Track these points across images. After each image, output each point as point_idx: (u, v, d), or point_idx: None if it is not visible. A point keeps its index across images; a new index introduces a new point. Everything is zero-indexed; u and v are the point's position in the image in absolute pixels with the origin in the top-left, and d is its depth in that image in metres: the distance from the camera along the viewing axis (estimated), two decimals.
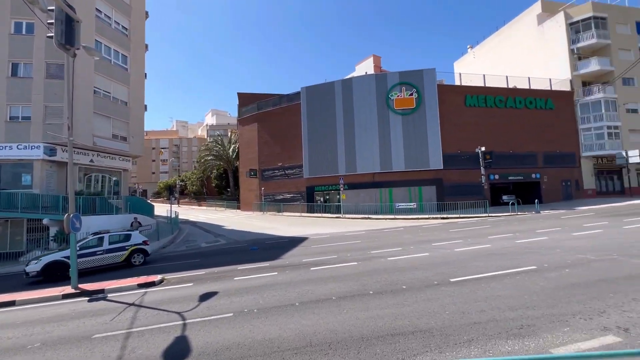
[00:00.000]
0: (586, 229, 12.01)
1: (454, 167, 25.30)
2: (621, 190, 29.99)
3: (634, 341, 3.58)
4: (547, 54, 31.56)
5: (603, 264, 6.84)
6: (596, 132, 28.95)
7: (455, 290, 5.80)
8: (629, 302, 4.73)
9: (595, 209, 19.41)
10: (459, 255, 8.89)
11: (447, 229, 15.00)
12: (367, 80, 27.38)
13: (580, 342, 3.65)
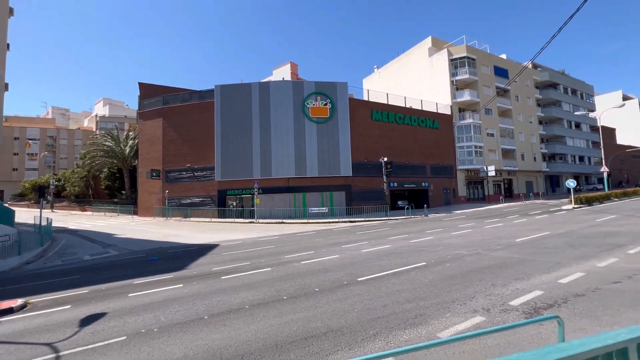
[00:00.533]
0: (460, 229, 14.61)
1: (361, 175, 27.57)
2: (483, 197, 37.58)
3: (493, 319, 4.50)
4: (435, 82, 37.52)
5: (472, 258, 8.43)
6: (467, 150, 35.63)
7: (362, 289, 6.29)
8: (490, 287, 5.93)
9: (466, 213, 23.81)
10: (365, 255, 9.69)
11: (354, 232, 16.21)
12: (284, 85, 27.69)
13: (458, 325, 4.39)
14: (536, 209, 23.00)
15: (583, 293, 5.31)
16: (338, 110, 27.18)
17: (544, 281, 6.07)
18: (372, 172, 27.66)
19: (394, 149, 29.52)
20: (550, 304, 4.92)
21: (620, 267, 6.79)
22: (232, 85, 27.28)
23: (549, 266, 7.12)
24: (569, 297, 5.17)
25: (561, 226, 13.50)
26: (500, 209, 25.29)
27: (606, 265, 6.99)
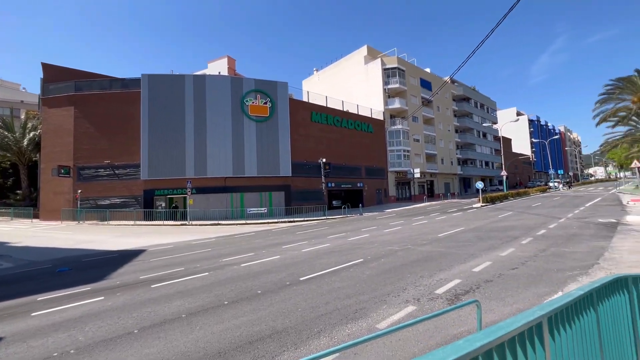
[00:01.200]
0: (392, 226, 15.82)
1: (300, 175, 27.84)
2: (410, 197, 41.20)
3: (423, 307, 5.03)
4: (370, 88, 39.87)
5: (403, 253, 9.22)
6: (397, 153, 38.67)
7: (305, 288, 6.41)
8: (418, 279, 6.58)
9: (396, 211, 25.84)
10: (306, 255, 9.86)
11: (294, 232, 16.32)
12: (222, 81, 26.46)
13: (394, 315, 4.79)
14: (453, 207, 26.12)
15: (491, 279, 6.26)
16: (278, 109, 27.01)
17: (461, 271, 6.97)
18: (311, 173, 28.15)
19: (332, 150, 30.51)
20: (467, 290, 5.69)
21: (516, 255, 8.17)
22: (161, 76, 25.04)
23: (465, 257, 8.19)
24: (481, 283, 6.05)
25: (473, 222, 15.61)
26: (425, 208, 28.06)
27: (506, 254, 8.33)
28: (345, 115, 33.38)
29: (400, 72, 39.84)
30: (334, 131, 31.70)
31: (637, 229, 11.09)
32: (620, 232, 10.75)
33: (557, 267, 6.87)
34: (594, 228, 11.82)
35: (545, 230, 11.82)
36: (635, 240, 9.21)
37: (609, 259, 7.32)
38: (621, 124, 38.11)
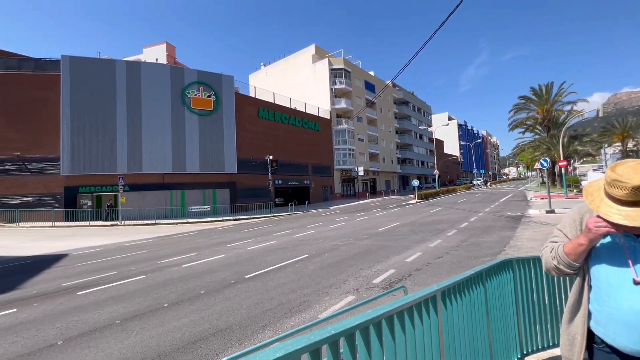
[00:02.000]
0: (337, 222, 16.49)
1: (246, 172, 27.30)
2: (354, 193, 43.04)
3: (361, 295, 5.48)
4: (318, 87, 40.55)
5: (346, 247, 9.77)
6: (342, 152, 40.06)
7: (250, 286, 6.47)
8: (358, 270, 7.09)
9: (341, 208, 26.88)
10: (251, 253, 9.84)
11: (239, 230, 16.04)
12: (161, 69, 24.59)
13: (335, 305, 5.15)
14: (392, 204, 28.05)
15: (420, 268, 7.03)
16: (223, 103, 26.04)
17: (396, 261, 7.68)
18: (257, 170, 27.77)
19: (279, 147, 30.43)
20: (400, 278, 6.33)
21: (443, 246, 9.23)
22: (87, 59, 22.35)
23: (400, 249, 9.00)
24: (412, 271, 6.76)
25: (408, 217, 17.03)
26: (367, 204, 29.65)
27: (434, 245, 9.36)
28: (293, 113, 33.53)
29: (347, 74, 41.24)
30: (281, 128, 31.63)
31: (535, 221, 13.28)
32: (523, 223, 12.77)
33: (474, 255, 7.97)
34: (504, 220, 13.82)
35: (467, 223, 13.46)
36: (533, 230, 11.04)
37: (513, 246, 8.71)
38: (529, 131, 44.64)
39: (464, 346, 1.79)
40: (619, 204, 1.15)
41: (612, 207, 1.17)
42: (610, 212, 1.16)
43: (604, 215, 1.18)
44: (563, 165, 21.03)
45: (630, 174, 1.13)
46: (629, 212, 1.12)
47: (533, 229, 11.41)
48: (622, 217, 1.12)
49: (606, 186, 1.21)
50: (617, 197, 1.16)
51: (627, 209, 1.13)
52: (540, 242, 8.97)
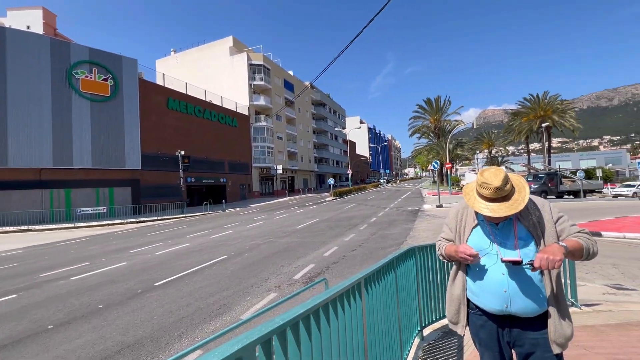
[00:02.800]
0: (255, 221, 16.24)
1: (153, 168, 24.51)
2: (272, 192, 42.92)
3: (283, 292, 5.60)
4: (236, 81, 38.97)
5: (266, 245, 9.75)
6: (261, 150, 39.50)
7: (161, 293, 5.92)
8: (279, 268, 7.19)
9: (260, 206, 26.52)
10: (161, 258, 8.95)
11: (145, 233, 14.36)
12: (36, 40, 20.03)
13: (257, 304, 5.14)
14: (310, 201, 29.02)
15: (337, 261, 7.54)
16: (124, 89, 22.75)
17: (315, 256, 8.05)
18: (167, 166, 25.19)
19: (192, 142, 28.19)
20: (319, 272, 6.68)
21: (356, 239, 10.06)
22: None
23: (318, 245, 9.45)
24: (330, 265, 7.21)
25: (325, 213, 17.92)
26: (286, 202, 29.96)
27: (349, 239, 10.13)
28: (209, 106, 31.47)
29: (266, 70, 40.72)
30: (195, 122, 29.34)
31: (429, 214, 15.58)
32: (420, 216, 14.84)
33: (382, 246, 8.93)
34: (405, 214, 15.80)
35: (376, 218, 14.93)
36: (427, 222, 12.95)
37: (412, 236, 10.07)
38: (424, 137, 51.75)
39: (381, 324, 2.08)
40: (486, 200, 1.54)
41: (481, 202, 1.55)
42: (480, 207, 1.54)
43: (477, 209, 1.56)
44: (449, 167, 25.11)
45: (492, 178, 1.52)
46: (493, 206, 1.50)
47: (427, 221, 13.38)
48: (489, 210, 1.51)
49: (477, 187, 1.59)
50: (484, 195, 1.54)
51: (492, 204, 1.51)
52: (433, 232, 10.61)
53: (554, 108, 40.41)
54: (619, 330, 3.52)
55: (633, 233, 9.28)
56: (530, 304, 1.48)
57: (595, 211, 15.40)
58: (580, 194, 25.81)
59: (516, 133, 44.22)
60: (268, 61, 41.49)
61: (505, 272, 1.52)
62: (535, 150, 48.20)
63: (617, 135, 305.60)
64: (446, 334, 3.53)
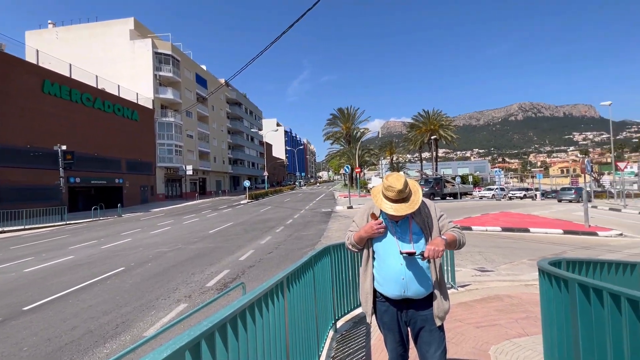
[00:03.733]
0: (160, 227, 14.65)
1: (18, 165, 19.72)
2: (180, 194, 39.35)
3: (194, 302, 5.24)
4: (136, 69, 34.43)
5: (174, 253, 8.92)
6: (168, 148, 35.85)
7: (34, 319, 4.85)
8: (190, 276, 6.69)
9: (165, 210, 24.01)
10: (31, 276, 7.30)
11: (6, 247, 11.44)
12: None
13: (164, 318, 4.69)
14: (224, 204, 27.65)
15: (254, 264, 7.43)
16: None
17: (230, 261, 7.76)
18: (41, 163, 20.54)
19: (78, 136, 23.69)
20: (235, 277, 6.48)
21: (272, 241, 10.07)
22: None
23: (233, 249, 9.13)
24: (246, 269, 7.06)
25: (240, 217, 17.36)
26: (196, 205, 27.84)
27: (265, 242, 10.08)
28: (102, 95, 26.96)
29: (175, 62, 37.19)
30: (82, 112, 24.73)
31: (341, 215, 16.65)
32: (333, 217, 15.75)
33: (298, 247, 9.18)
34: (319, 216, 16.53)
35: (291, 220, 15.20)
36: (339, 223, 13.84)
37: (326, 237, 10.63)
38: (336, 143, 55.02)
39: (300, 321, 2.19)
40: (391, 201, 1.81)
41: (387, 203, 1.82)
42: (386, 207, 1.81)
43: (383, 209, 1.83)
44: (358, 171, 27.32)
45: (395, 182, 1.80)
46: (396, 206, 1.79)
47: (339, 221, 14.29)
48: (393, 209, 1.79)
49: (383, 190, 1.86)
50: (389, 197, 1.81)
51: (395, 204, 1.80)
52: (344, 232, 11.39)
53: (440, 123, 48.21)
54: (482, 303, 4.47)
55: (492, 227, 11.77)
56: (421, 288, 1.80)
57: (468, 209, 18.95)
58: (457, 196, 31.31)
59: (412, 143, 51.09)
60: (178, 52, 37.98)
61: (403, 263, 1.81)
62: (426, 159, 56.48)
63: (483, 148, 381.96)
64: (356, 324, 3.89)
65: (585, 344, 1.62)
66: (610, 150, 31.70)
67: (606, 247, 8.81)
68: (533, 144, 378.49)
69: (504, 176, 76.73)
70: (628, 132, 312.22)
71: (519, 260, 7.44)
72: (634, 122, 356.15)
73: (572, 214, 16.42)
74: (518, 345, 3.21)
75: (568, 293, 1.75)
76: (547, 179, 74.63)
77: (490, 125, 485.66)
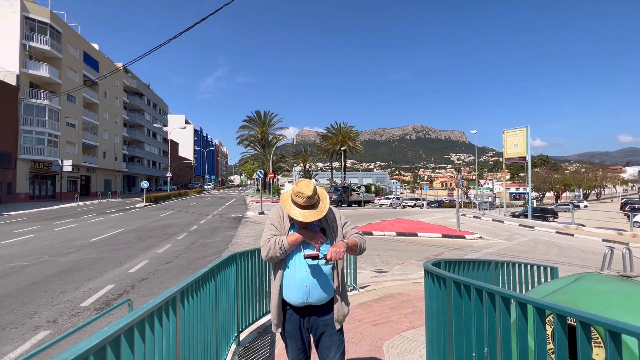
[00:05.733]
0: (18, 235, 11.61)
1: None
2: (53, 194, 32.19)
3: (61, 327, 4.25)
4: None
5: (36, 267, 7.14)
6: (37, 137, 29.04)
7: None
8: (58, 295, 5.44)
9: (28, 214, 19.22)
10: None
11: None
12: None
13: (11, 353, 3.66)
14: (113, 207, 23.72)
15: (147, 277, 6.52)
16: None
17: (116, 275, 6.63)
18: None
19: None
20: (121, 293, 5.54)
21: (172, 250, 9.06)
22: None
23: (121, 260, 7.85)
24: (136, 282, 6.13)
25: (134, 222, 15.14)
26: (75, 208, 23.14)
27: (163, 250, 9.00)
28: None
29: (54, 33, 30.55)
30: None
31: (251, 221, 16.17)
32: (243, 223, 15.17)
33: (202, 255, 8.48)
34: (229, 221, 15.71)
35: (197, 226, 14.02)
36: (249, 229, 13.40)
37: (235, 243, 10.13)
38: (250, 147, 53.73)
39: (197, 339, 1.97)
40: (300, 207, 1.81)
41: (296, 209, 1.81)
42: (295, 213, 1.80)
43: (292, 215, 1.81)
44: (271, 176, 27.12)
45: (305, 188, 1.81)
46: (304, 213, 1.79)
47: (249, 227, 13.85)
48: (301, 215, 1.78)
49: (293, 196, 1.84)
50: (298, 203, 1.81)
51: (304, 211, 1.80)
52: (254, 238, 11.08)
53: (349, 136, 52.10)
54: (379, 302, 4.89)
55: (389, 232, 13.17)
56: (323, 294, 1.83)
57: (370, 216, 20.79)
58: (362, 203, 34.13)
59: (324, 152, 53.72)
60: (59, 21, 31.33)
61: (308, 270, 1.82)
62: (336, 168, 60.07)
63: (384, 161, 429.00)
64: (261, 334, 3.76)
65: (457, 331, 1.90)
66: (475, 169, 39.54)
67: (470, 248, 10.81)
68: (422, 161, 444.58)
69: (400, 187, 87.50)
70: (487, 155, 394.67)
71: (409, 261, 8.47)
72: (491, 148, 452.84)
73: (448, 220, 19.68)
74: (406, 338, 3.59)
75: (446, 289, 2.03)
76: (432, 191, 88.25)
77: (390, 142, 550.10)
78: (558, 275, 3.62)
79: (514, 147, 25.90)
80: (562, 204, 44.90)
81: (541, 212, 26.23)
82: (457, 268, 2.93)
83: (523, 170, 66.41)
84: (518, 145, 25.55)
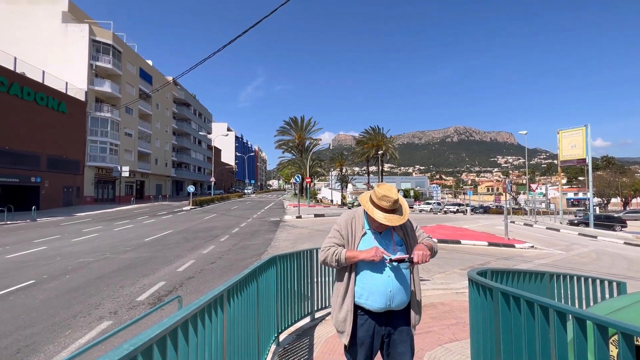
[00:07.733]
0: (85, 234, 13.00)
1: None
2: (113, 198, 35.60)
3: (121, 319, 4.69)
4: (67, 56, 30.80)
5: (99, 263, 7.95)
6: (101, 146, 32.37)
7: None
8: (118, 289, 6.00)
9: (93, 215, 21.44)
10: None
11: None
12: None
13: (81, 338, 4.10)
14: (164, 210, 25.62)
15: (193, 275, 6.94)
16: None
17: (166, 273, 7.15)
18: None
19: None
20: (171, 290, 5.97)
21: (216, 251, 9.55)
22: None
23: (171, 259, 8.45)
24: (184, 280, 6.56)
25: (182, 224, 16.22)
26: (131, 210, 25.36)
27: (208, 251, 9.52)
28: (20, 80, 23.44)
29: (116, 53, 34.06)
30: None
31: (289, 224, 16.51)
32: (281, 227, 15.53)
33: (243, 257, 8.83)
34: (268, 225, 16.19)
35: (238, 229, 14.64)
36: (287, 232, 13.68)
37: (274, 246, 10.42)
38: (288, 152, 54.97)
39: (241, 336, 2.07)
40: (383, 211, 1.78)
41: (379, 213, 1.78)
42: (379, 216, 1.77)
43: (375, 217, 1.77)
44: (308, 181, 27.54)
45: (390, 192, 1.78)
46: (389, 216, 1.77)
47: (287, 231, 14.14)
48: (386, 219, 1.76)
49: (376, 200, 1.80)
50: (382, 206, 1.77)
51: (389, 215, 1.77)
52: (292, 242, 11.30)
53: (385, 140, 51.15)
54: None
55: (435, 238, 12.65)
56: (405, 299, 1.82)
57: None
58: None
59: (360, 156, 53.27)
60: (120, 42, 34.89)
61: (391, 274, 1.79)
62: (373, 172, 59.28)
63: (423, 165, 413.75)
64: (299, 336, 3.82)
65: (505, 347, 1.79)
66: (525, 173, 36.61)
67: (521, 258, 10.02)
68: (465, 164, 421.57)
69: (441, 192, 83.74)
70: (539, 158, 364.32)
71: (452, 269, 8.07)
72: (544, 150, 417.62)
73: (495, 227, 18.44)
74: (449, 350, 3.44)
75: (492, 301, 1.92)
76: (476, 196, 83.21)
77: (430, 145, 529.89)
78: (626, 291, 3.25)
79: (571, 148, 23.68)
80: (632, 212, 39.94)
81: (606, 220, 23.57)
82: (505, 278, 2.75)
83: (582, 173, 60.36)
84: (576, 146, 23.32)
